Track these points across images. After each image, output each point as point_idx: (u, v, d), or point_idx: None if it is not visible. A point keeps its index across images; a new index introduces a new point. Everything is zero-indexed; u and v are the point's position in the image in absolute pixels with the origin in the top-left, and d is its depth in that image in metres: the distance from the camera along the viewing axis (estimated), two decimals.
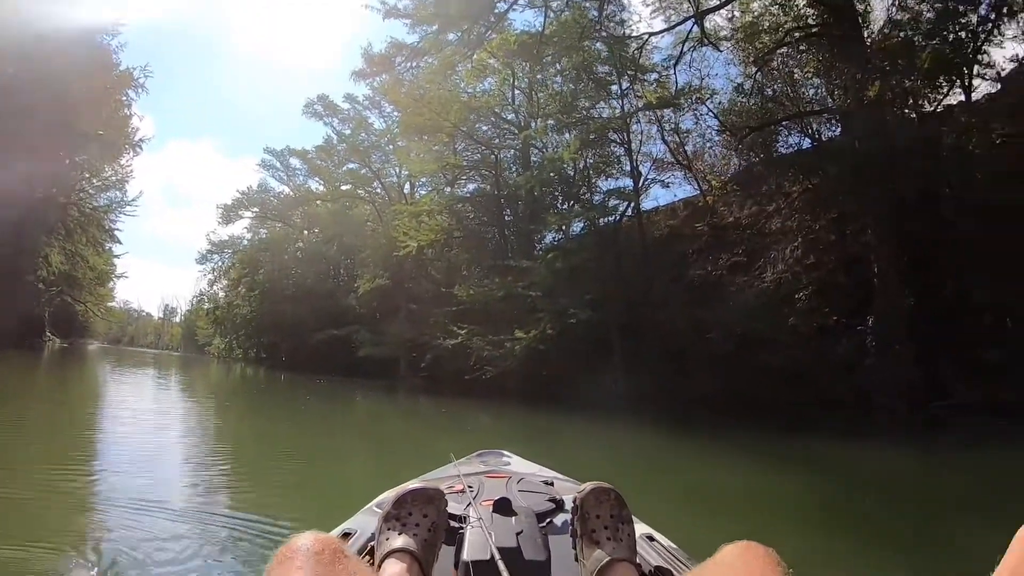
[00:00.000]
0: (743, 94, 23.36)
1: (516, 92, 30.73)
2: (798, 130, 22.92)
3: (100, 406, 13.97)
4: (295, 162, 50.45)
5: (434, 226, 30.27)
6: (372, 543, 1.65)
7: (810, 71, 22.65)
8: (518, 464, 3.22)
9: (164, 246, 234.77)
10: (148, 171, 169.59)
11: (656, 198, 29.81)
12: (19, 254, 38.04)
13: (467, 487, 2.21)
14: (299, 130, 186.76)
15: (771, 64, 22.87)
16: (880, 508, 7.07)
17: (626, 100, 26.35)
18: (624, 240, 26.53)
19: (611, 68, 25.90)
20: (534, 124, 29.16)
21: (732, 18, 24.53)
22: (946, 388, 15.72)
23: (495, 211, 31.53)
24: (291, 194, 51.74)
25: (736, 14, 24.28)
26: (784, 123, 22.73)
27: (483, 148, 31.23)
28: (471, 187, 33.77)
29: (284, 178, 51.84)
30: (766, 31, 23.04)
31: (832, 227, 20.80)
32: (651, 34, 25.28)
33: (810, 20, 21.88)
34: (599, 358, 23.09)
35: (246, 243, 55.17)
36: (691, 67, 25.51)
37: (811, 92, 23.30)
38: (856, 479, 9.21)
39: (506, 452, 3.51)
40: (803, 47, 22.14)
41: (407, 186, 42.99)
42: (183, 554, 3.95)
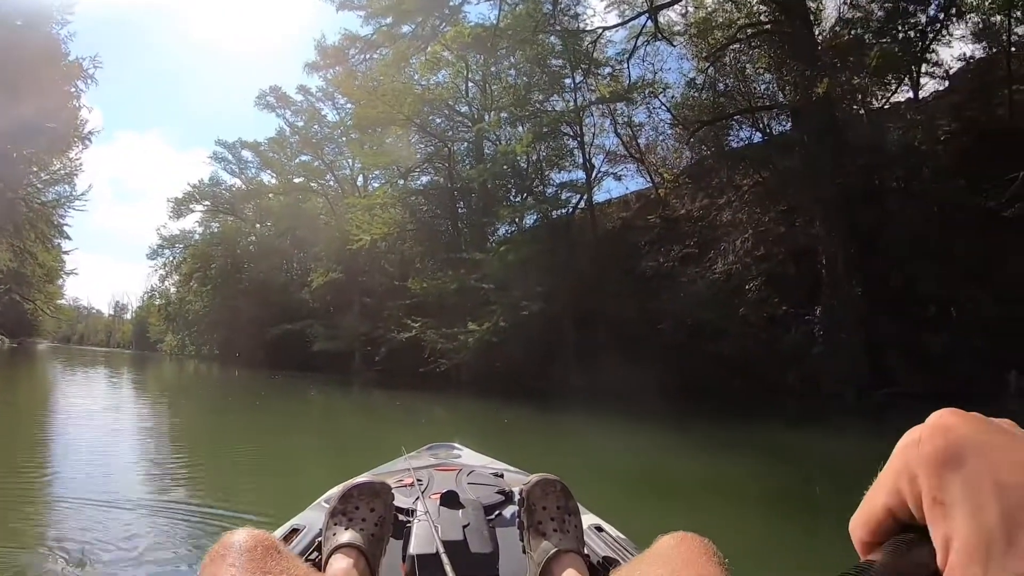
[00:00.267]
0: (695, 88, 23.61)
1: (470, 85, 30.69)
2: (749, 124, 23.24)
3: (52, 407, 13.58)
4: (247, 154, 49.73)
5: (387, 219, 30.09)
6: (320, 538, 1.64)
7: (762, 67, 22.94)
8: (469, 457, 3.21)
9: (113, 241, 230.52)
10: (96, 164, 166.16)
11: (609, 191, 30.04)
12: None
13: (417, 480, 2.20)
14: (251, 122, 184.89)
15: (723, 59, 23.10)
16: (827, 492, 7.21)
17: (579, 93, 26.53)
18: (577, 232, 26.72)
19: (565, 61, 25.97)
20: (488, 117, 29.11)
21: (686, 13, 24.76)
22: (893, 376, 16.05)
23: (448, 204, 31.49)
24: (243, 187, 50.89)
25: (690, 9, 24.53)
26: (735, 117, 23.02)
27: (437, 141, 31.04)
28: (424, 180, 33.57)
29: (236, 171, 51.07)
30: (719, 27, 23.28)
31: (782, 219, 21.11)
32: (605, 28, 25.40)
33: (762, 17, 22.14)
34: (552, 349, 23.22)
35: (197, 237, 54.10)
36: (644, 61, 25.76)
37: (762, 87, 23.65)
38: (804, 464, 9.34)
39: (457, 445, 3.50)
40: (755, 43, 22.39)
41: (360, 179, 42.62)
42: (128, 551, 3.92)
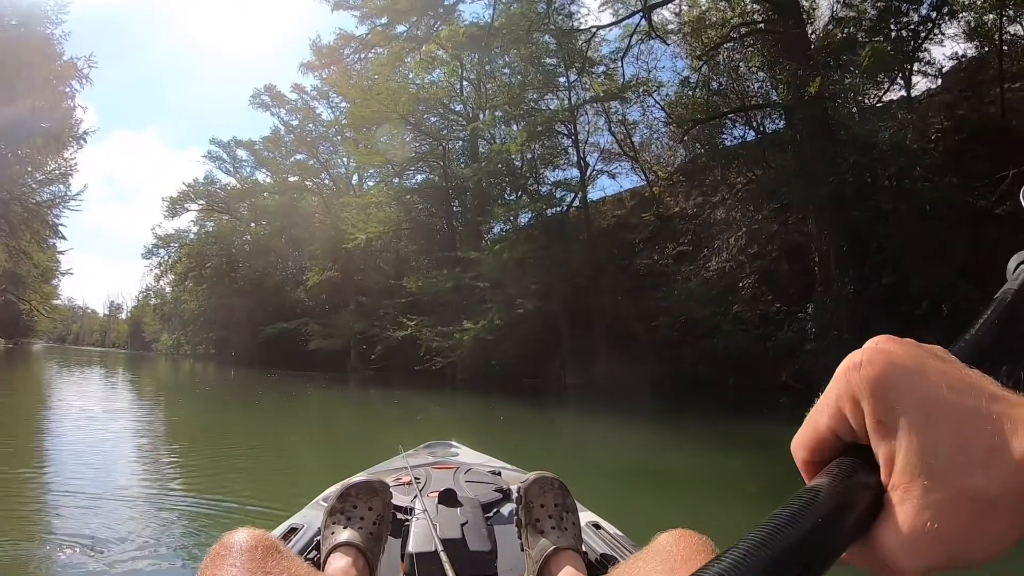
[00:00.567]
0: (689, 87, 23.60)
1: (464, 83, 30.61)
2: (743, 123, 23.27)
3: (49, 407, 13.57)
4: (242, 153, 49.63)
5: (382, 218, 30.17)
6: (319, 537, 1.65)
7: (755, 65, 22.97)
8: (466, 454, 3.21)
9: (106, 240, 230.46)
10: (90, 163, 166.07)
11: (603, 189, 30.00)
12: None
13: (414, 479, 2.22)
14: (246, 121, 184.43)
15: (717, 58, 23.13)
16: None
17: (574, 92, 26.54)
18: (571, 230, 26.77)
19: (559, 60, 26.01)
20: (482, 115, 29.09)
21: (679, 12, 24.87)
22: None
23: (443, 202, 31.53)
24: (238, 186, 50.70)
25: (684, 8, 24.62)
26: (729, 116, 23.04)
27: (431, 139, 31.08)
28: (419, 178, 33.57)
29: (231, 170, 50.84)
30: (713, 26, 23.34)
31: (775, 217, 21.19)
32: (599, 27, 25.48)
33: (756, 16, 22.19)
34: (547, 346, 23.33)
35: (193, 236, 53.77)
36: (638, 60, 25.80)
37: (756, 86, 23.69)
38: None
39: (454, 442, 3.52)
40: (749, 42, 22.43)
41: (355, 177, 42.62)
42: (126, 551, 3.93)
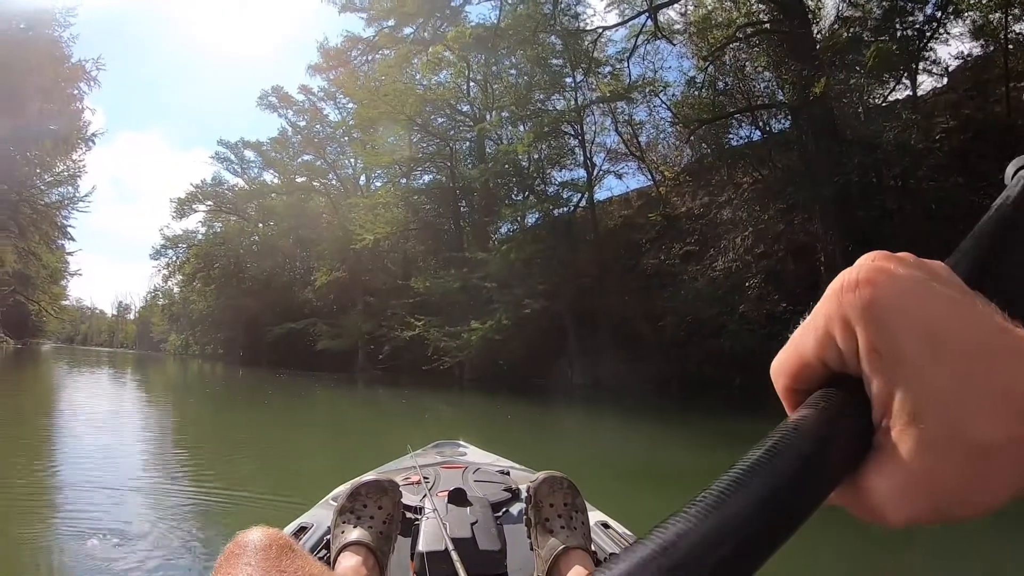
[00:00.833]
0: (695, 87, 23.62)
1: (471, 84, 30.72)
2: (749, 122, 23.25)
3: (60, 407, 13.62)
4: (249, 154, 49.91)
5: (390, 218, 30.30)
6: (328, 536, 1.67)
7: (761, 65, 22.97)
8: (474, 454, 3.23)
9: (113, 241, 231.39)
10: (96, 164, 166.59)
11: (610, 189, 30.14)
12: None
13: (423, 478, 2.24)
14: (253, 122, 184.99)
15: (723, 58, 23.10)
16: None
17: (580, 92, 26.62)
18: (578, 230, 26.87)
19: (565, 61, 26.09)
20: (489, 116, 29.19)
21: (685, 13, 24.85)
22: None
23: (451, 203, 31.61)
24: (246, 187, 50.98)
25: (689, 8, 24.62)
26: (735, 116, 23.06)
27: (438, 140, 31.18)
28: (426, 179, 33.70)
29: (238, 171, 51.19)
30: (718, 26, 23.35)
31: (781, 217, 21.22)
32: (605, 28, 25.50)
33: (761, 16, 22.20)
34: (554, 346, 23.41)
35: (201, 237, 53.88)
36: (645, 60, 25.80)
37: (762, 86, 23.66)
38: None
39: (462, 442, 3.52)
40: (754, 42, 22.43)
41: (362, 178, 42.82)
42: (138, 548, 3.96)
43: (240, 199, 50.93)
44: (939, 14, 18.49)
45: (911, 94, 19.49)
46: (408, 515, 1.82)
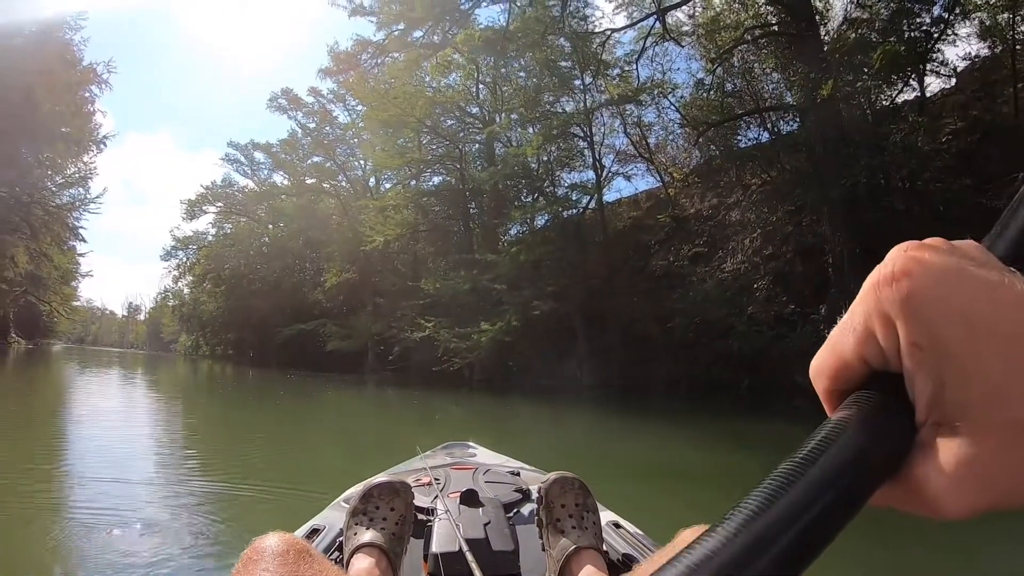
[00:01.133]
0: (704, 89, 23.65)
1: (480, 87, 30.89)
2: (757, 124, 23.29)
3: (74, 407, 13.70)
4: (259, 156, 50.09)
5: (400, 220, 30.42)
6: (341, 538, 1.69)
7: (769, 67, 23.01)
8: (484, 455, 3.22)
9: (123, 242, 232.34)
10: (106, 165, 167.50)
11: (619, 190, 30.21)
12: None
13: (434, 479, 2.26)
14: (262, 124, 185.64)
15: (731, 60, 23.15)
16: None
17: (589, 94, 26.69)
18: (587, 232, 26.90)
19: (574, 63, 26.18)
20: (498, 118, 29.22)
21: (693, 15, 24.94)
22: None
23: (460, 205, 31.68)
24: (255, 188, 51.23)
25: (698, 10, 24.70)
26: (744, 118, 23.10)
27: (448, 142, 31.27)
28: (436, 180, 33.80)
29: (248, 172, 51.46)
30: (726, 27, 23.41)
31: (789, 218, 21.23)
32: (614, 30, 25.62)
33: (769, 17, 22.24)
34: (564, 347, 23.50)
35: (211, 238, 54.23)
36: (653, 62, 25.86)
37: (770, 87, 23.72)
38: None
39: (472, 443, 3.52)
40: (762, 44, 22.45)
41: (372, 180, 42.86)
42: (151, 552, 3.95)
43: (250, 200, 51.18)
44: (947, 15, 18.50)
45: (919, 95, 19.50)
46: (420, 516, 1.84)
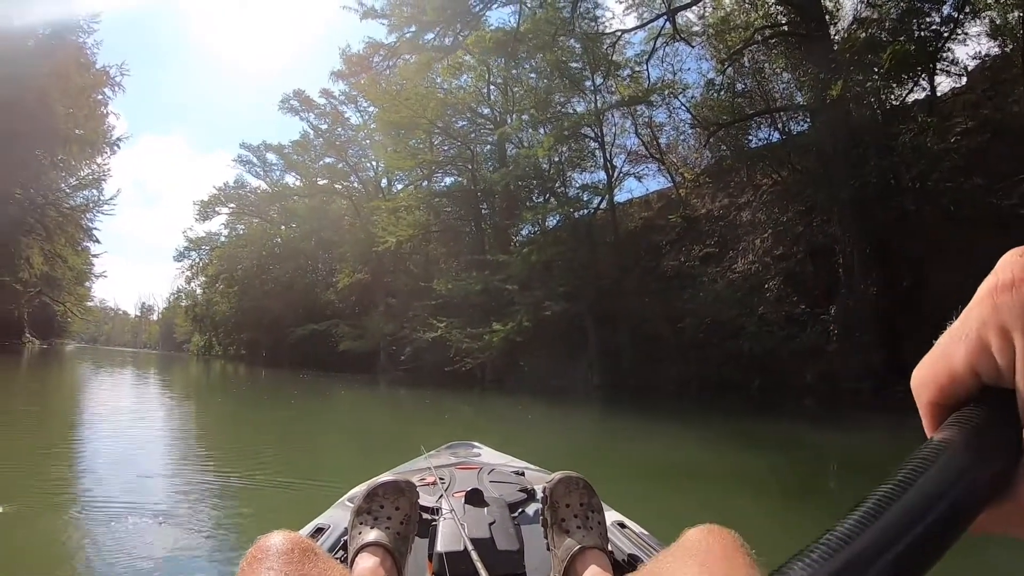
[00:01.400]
0: (714, 89, 23.72)
1: (491, 88, 30.98)
2: (768, 124, 23.32)
3: (88, 406, 13.88)
4: (271, 157, 50.18)
5: (412, 221, 30.53)
6: (345, 537, 1.67)
7: (779, 67, 23.03)
8: (489, 455, 3.22)
9: (135, 242, 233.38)
10: (119, 167, 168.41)
11: (630, 191, 30.19)
12: None
13: (439, 479, 2.25)
14: (274, 125, 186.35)
15: (741, 60, 23.19)
16: (845, 485, 7.42)
17: (600, 95, 26.79)
18: (598, 233, 26.95)
19: (585, 64, 26.28)
20: (509, 119, 29.27)
21: (703, 15, 24.97)
22: (907, 372, 16.05)
23: (472, 205, 31.81)
24: (268, 189, 51.37)
25: (708, 10, 24.72)
26: (754, 118, 23.12)
27: (459, 143, 31.41)
28: (448, 181, 34.00)
29: (261, 173, 51.56)
30: (736, 28, 23.43)
31: (800, 219, 21.25)
32: (624, 31, 25.71)
33: (779, 17, 22.26)
34: (574, 347, 23.58)
35: (224, 239, 54.58)
36: (664, 62, 25.97)
37: (781, 87, 23.75)
38: (823, 458, 9.50)
39: (476, 443, 3.52)
40: (772, 44, 22.47)
41: (384, 180, 42.95)
42: (155, 550, 3.95)
43: (262, 201, 51.35)
44: (956, 14, 18.47)
45: (929, 95, 19.47)
46: (425, 516, 1.85)
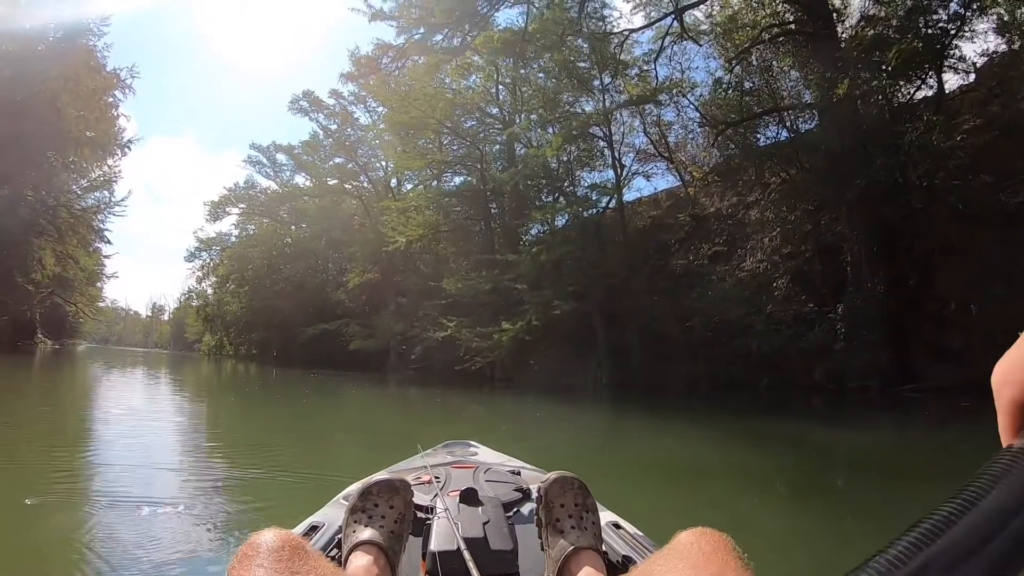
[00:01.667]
0: (722, 88, 23.74)
1: (500, 88, 31.02)
2: (776, 123, 23.32)
3: (105, 402, 14.04)
4: (281, 158, 50.40)
5: (422, 221, 30.64)
6: (339, 535, 1.67)
7: (787, 65, 23.04)
8: (485, 454, 3.21)
9: (146, 243, 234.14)
10: (130, 168, 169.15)
11: (639, 190, 30.25)
12: (10, 256, 38.22)
13: (434, 478, 2.25)
14: (283, 125, 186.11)
15: (749, 59, 23.20)
16: (852, 483, 7.42)
17: (608, 95, 26.86)
18: (607, 232, 27.03)
19: (593, 64, 26.37)
20: (518, 119, 29.42)
21: (711, 14, 24.98)
22: (914, 371, 16.34)
23: (481, 205, 31.84)
24: (278, 190, 51.58)
25: (715, 9, 24.74)
26: (762, 116, 23.13)
27: (468, 143, 31.52)
28: (457, 181, 34.10)
29: (271, 174, 51.77)
30: (744, 26, 23.45)
31: (808, 217, 21.28)
32: (632, 30, 25.74)
33: (787, 16, 22.27)
34: (584, 346, 23.66)
35: (234, 240, 54.85)
36: (671, 61, 26.05)
37: (789, 85, 23.76)
38: (830, 456, 9.46)
39: (473, 442, 3.51)
40: (780, 42, 22.47)
41: (393, 180, 43.08)
42: (178, 531, 4.03)
43: (272, 202, 51.59)
44: (964, 11, 18.43)
45: (937, 92, 19.43)
46: (419, 515, 1.83)
